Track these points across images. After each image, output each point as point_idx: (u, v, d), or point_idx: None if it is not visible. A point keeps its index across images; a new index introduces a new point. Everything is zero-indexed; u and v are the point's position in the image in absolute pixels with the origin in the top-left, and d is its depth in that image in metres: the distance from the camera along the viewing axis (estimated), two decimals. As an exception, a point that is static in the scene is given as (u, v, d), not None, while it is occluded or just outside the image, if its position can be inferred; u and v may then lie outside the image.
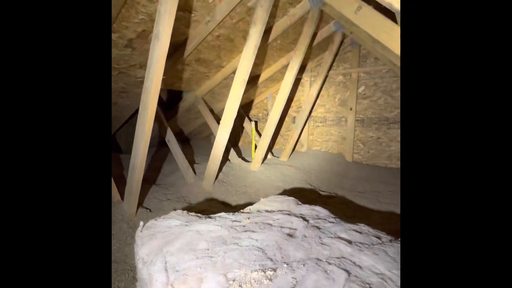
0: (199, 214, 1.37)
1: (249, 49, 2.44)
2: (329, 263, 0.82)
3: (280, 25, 2.94)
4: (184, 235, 1.03)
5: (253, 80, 3.96)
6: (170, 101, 4.36)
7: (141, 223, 1.18)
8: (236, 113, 2.72)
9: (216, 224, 1.15)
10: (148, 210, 2.29)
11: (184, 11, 2.32)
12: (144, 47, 2.52)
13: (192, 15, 2.41)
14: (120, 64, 2.65)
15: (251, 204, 1.74)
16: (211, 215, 1.35)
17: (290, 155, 4.01)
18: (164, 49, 1.85)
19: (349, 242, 0.99)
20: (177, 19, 1.94)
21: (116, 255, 1.78)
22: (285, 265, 0.81)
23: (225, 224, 1.15)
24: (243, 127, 4.83)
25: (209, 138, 5.31)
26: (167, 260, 0.86)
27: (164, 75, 1.98)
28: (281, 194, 2.70)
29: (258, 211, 1.37)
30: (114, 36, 2.28)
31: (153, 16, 2.20)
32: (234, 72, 3.28)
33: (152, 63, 1.89)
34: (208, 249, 0.92)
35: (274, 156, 4.10)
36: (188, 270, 0.80)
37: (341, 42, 3.72)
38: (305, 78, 4.37)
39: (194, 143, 4.85)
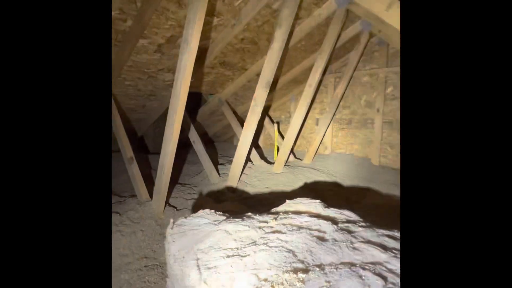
0: (226, 214, 1.38)
1: (273, 51, 2.45)
2: (364, 269, 0.79)
3: (305, 26, 2.92)
4: (214, 234, 1.05)
5: (276, 82, 3.95)
6: (195, 103, 4.48)
7: (172, 220, 1.22)
8: (260, 115, 2.74)
9: (244, 224, 1.16)
10: (175, 209, 2.36)
11: (211, 15, 2.39)
12: (172, 51, 2.62)
13: (218, 19, 2.46)
14: (150, 68, 2.78)
15: (275, 205, 1.73)
16: (237, 215, 1.36)
17: (313, 157, 3.94)
18: (193, 53, 1.92)
19: (383, 248, 0.95)
20: (204, 24, 2.00)
21: (145, 250, 1.85)
22: (317, 269, 0.80)
23: (253, 225, 1.16)
24: (265, 129, 4.83)
25: (232, 140, 5.37)
26: (198, 257, 0.88)
27: (191, 78, 2.05)
28: (306, 197, 2.66)
29: (285, 212, 1.36)
30: (145, 42, 2.40)
31: (181, 21, 2.28)
32: (257, 75, 3.30)
33: (181, 67, 1.96)
34: (238, 248, 0.93)
35: (297, 159, 4.06)
36: (220, 268, 0.81)
37: (368, 42, 3.60)
38: (329, 79, 4.28)
39: (217, 145, 4.93)
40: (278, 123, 4.50)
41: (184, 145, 3.75)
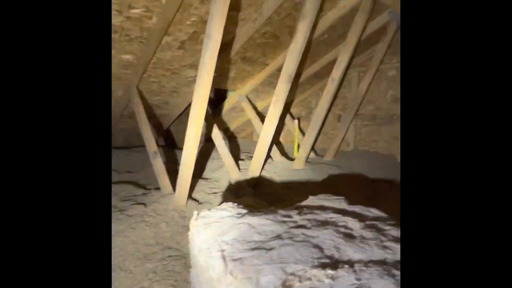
0: (248, 208, 1.38)
1: (296, 44, 2.40)
2: (397, 268, 0.75)
3: (328, 18, 2.83)
4: (237, 227, 1.05)
5: (297, 77, 3.88)
6: (216, 99, 4.54)
7: (195, 212, 1.24)
8: (281, 111, 2.70)
9: (267, 218, 1.15)
10: (197, 202, 2.41)
11: (233, 10, 2.38)
12: (194, 48, 2.65)
13: (240, 13, 2.45)
14: (173, 65, 2.84)
15: (296, 201, 1.70)
16: (260, 210, 1.35)
17: (335, 154, 3.83)
18: (215, 48, 1.92)
19: (417, 247, 0.89)
20: (226, 19, 2.00)
21: (169, 242, 1.90)
22: (346, 266, 0.76)
23: (276, 219, 1.14)
24: (286, 125, 4.78)
25: (251, 136, 5.38)
26: (223, 249, 0.89)
27: (214, 74, 2.06)
28: (328, 194, 2.60)
29: (308, 208, 1.33)
30: (169, 38, 2.45)
31: (204, 17, 2.29)
32: (278, 70, 3.26)
33: (204, 62, 1.97)
34: (262, 242, 0.92)
35: (318, 155, 3.98)
36: (245, 260, 0.81)
37: (395, 33, 3.42)
38: (353, 73, 4.13)
39: (238, 140, 4.96)
40: (299, 119, 4.43)
41: (207, 140, 3.81)
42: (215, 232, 1.03)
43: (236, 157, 3.66)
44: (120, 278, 1.49)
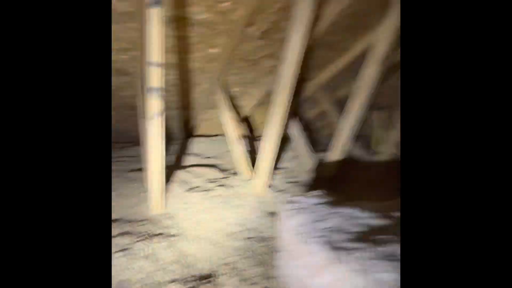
0: (336, 198, 1.30)
1: (390, 20, 2.10)
2: None
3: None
4: (333, 215, 0.99)
5: (383, 61, 3.46)
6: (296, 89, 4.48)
7: (288, 197, 1.24)
8: (365, 100, 2.46)
9: (364, 211, 1.05)
10: (274, 189, 2.45)
11: (318, -8, 2.24)
12: (274, 37, 2.64)
13: (326, -5, 2.30)
14: (253, 55, 2.91)
15: (384, 196, 1.52)
16: (348, 201, 1.26)
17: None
18: (303, 33, 1.85)
19: None
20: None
21: (249, 224, 2.00)
22: None
23: (373, 212, 1.03)
24: (369, 116, 4.37)
25: (326, 128, 5.14)
26: (324, 235, 0.85)
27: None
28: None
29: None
30: (250, 29, 2.50)
31: (287, 2, 2.24)
32: (362, 55, 2.96)
33: (290, 49, 1.93)
34: (365, 234, 0.84)
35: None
36: (353, 251, 0.75)
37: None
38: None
39: (314, 131, 4.82)
40: (385, 109, 3.98)
41: (283, 130, 3.81)
42: (309, 218, 1.00)
43: (312, 148, 3.56)
44: (211, 249, 1.65)
